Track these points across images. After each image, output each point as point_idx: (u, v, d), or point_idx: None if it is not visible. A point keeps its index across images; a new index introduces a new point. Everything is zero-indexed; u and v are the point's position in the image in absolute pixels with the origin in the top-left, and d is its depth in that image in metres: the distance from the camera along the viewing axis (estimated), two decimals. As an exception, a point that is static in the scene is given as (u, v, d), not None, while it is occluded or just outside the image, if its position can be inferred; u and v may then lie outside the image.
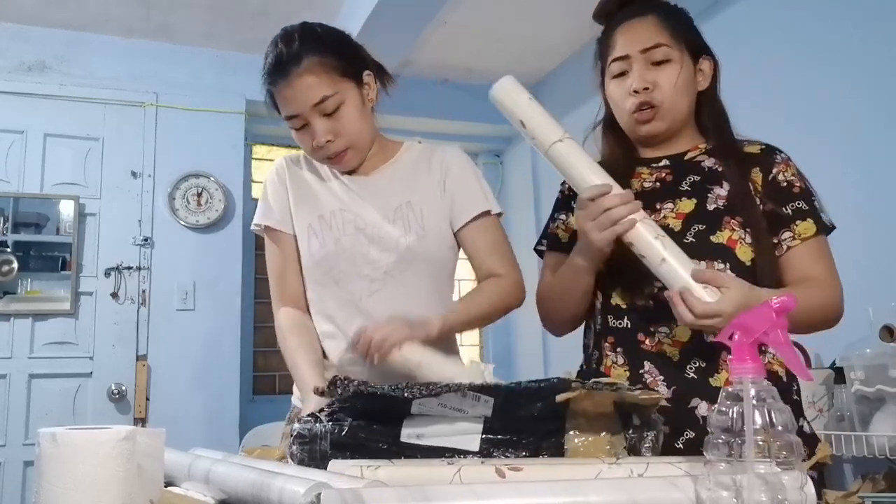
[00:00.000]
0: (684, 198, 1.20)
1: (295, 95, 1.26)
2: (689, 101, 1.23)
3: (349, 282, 1.30)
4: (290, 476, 0.75)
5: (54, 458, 0.72)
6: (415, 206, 1.34)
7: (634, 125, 1.23)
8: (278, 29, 1.36)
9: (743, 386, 0.65)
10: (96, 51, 3.23)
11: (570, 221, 1.32)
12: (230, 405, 3.18)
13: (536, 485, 0.72)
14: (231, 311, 3.25)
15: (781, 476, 0.63)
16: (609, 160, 1.28)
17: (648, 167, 1.26)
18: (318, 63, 1.26)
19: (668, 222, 1.18)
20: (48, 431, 0.73)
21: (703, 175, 1.22)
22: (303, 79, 1.25)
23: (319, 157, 1.32)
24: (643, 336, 1.17)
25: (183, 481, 0.91)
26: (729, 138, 1.24)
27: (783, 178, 1.18)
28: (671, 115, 1.21)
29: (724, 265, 1.13)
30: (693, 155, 1.25)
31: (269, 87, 1.31)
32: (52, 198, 3.08)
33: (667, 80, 1.18)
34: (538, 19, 3.14)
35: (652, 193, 1.22)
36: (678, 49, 1.19)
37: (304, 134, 1.30)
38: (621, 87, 1.22)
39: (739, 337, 0.67)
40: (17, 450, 2.88)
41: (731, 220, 1.15)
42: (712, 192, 1.19)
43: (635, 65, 1.20)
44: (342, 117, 1.28)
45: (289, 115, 1.29)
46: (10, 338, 2.95)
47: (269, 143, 3.84)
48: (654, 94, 1.19)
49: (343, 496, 0.64)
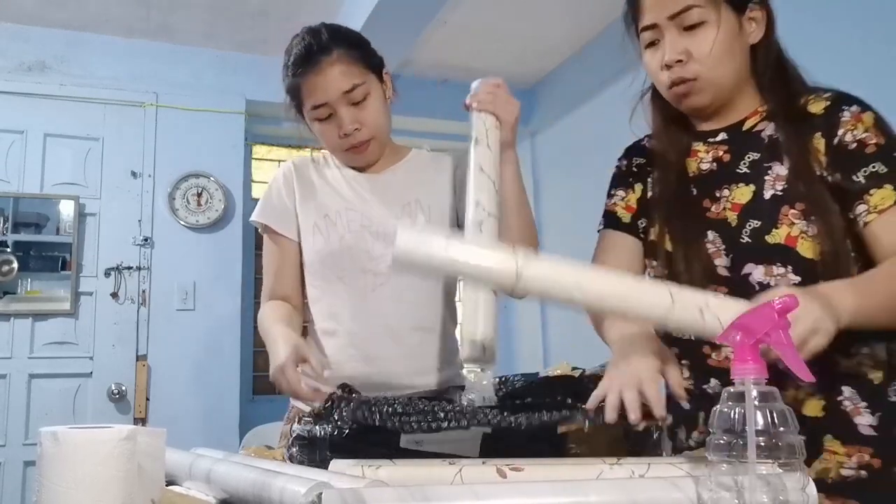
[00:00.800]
0: (741, 183, 1.05)
1: (326, 83, 1.27)
2: (737, 63, 1.05)
3: (353, 278, 1.30)
4: (291, 476, 0.75)
5: (56, 457, 0.72)
6: (423, 204, 1.35)
7: (675, 101, 1.09)
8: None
9: (745, 387, 0.65)
10: (96, 51, 3.23)
11: (630, 198, 1.19)
12: (230, 405, 3.18)
13: (537, 485, 0.72)
14: (231, 311, 3.25)
15: (783, 477, 0.63)
16: (661, 138, 1.16)
17: (705, 143, 1.11)
18: (347, 54, 1.29)
19: (726, 215, 1.05)
20: (50, 431, 0.73)
21: (762, 149, 1.05)
22: (334, 67, 1.27)
23: (344, 146, 1.32)
24: (709, 349, 1.05)
25: (184, 481, 0.91)
26: (785, 98, 1.06)
27: (851, 137, 0.98)
28: (713, 85, 1.05)
29: (785, 268, 0.99)
30: (752, 123, 1.08)
31: (294, 79, 1.31)
32: (52, 198, 3.08)
33: (701, 47, 1.02)
34: (538, 19, 3.14)
35: (709, 178, 1.08)
36: (713, 6, 1.02)
37: (328, 125, 1.30)
38: (655, 58, 1.07)
39: (741, 338, 0.67)
40: (17, 450, 2.88)
41: (790, 209, 0.99)
42: (770, 173, 1.02)
43: (666, 33, 1.05)
44: (368, 107, 1.29)
45: (316, 104, 1.29)
46: (10, 338, 2.95)
47: (269, 143, 3.84)
48: (689, 67, 1.04)
49: (343, 496, 0.64)
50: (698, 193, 1.09)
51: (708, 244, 1.06)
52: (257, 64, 3.41)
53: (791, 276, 0.98)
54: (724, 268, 1.04)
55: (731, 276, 1.03)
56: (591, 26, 3.18)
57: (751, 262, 1.01)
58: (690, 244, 1.06)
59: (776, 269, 0.99)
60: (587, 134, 3.35)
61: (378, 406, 0.89)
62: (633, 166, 1.22)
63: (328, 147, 1.36)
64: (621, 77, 3.25)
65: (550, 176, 3.69)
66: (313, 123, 1.33)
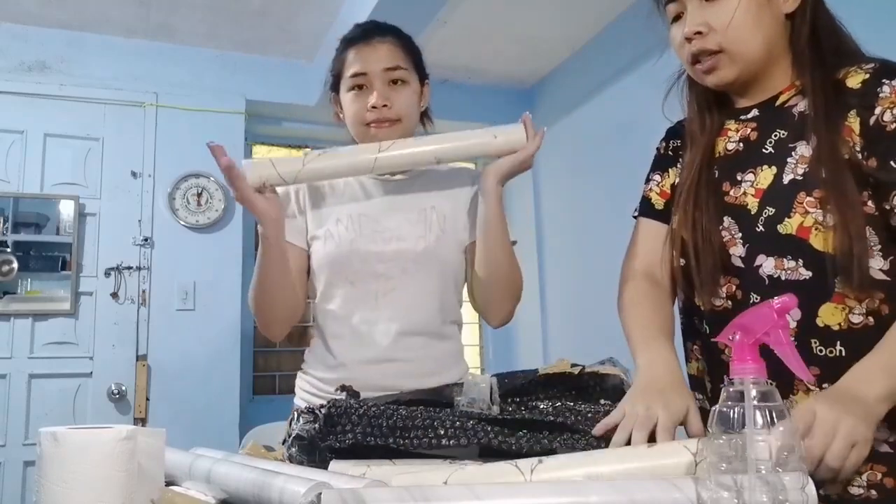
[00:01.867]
0: (765, 165, 0.99)
1: (371, 54, 1.31)
2: (766, 34, 0.98)
3: (363, 281, 1.30)
4: (290, 476, 0.75)
5: (55, 457, 0.72)
6: (439, 211, 1.35)
7: (699, 76, 1.04)
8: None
9: (744, 386, 0.64)
10: (96, 51, 3.23)
11: (665, 182, 1.14)
12: (230, 405, 3.18)
13: (536, 485, 0.72)
14: (231, 311, 3.25)
15: (783, 476, 0.63)
16: (693, 116, 1.11)
17: (737, 121, 1.05)
18: (399, 42, 1.35)
19: (746, 200, 0.99)
20: (49, 431, 0.73)
21: (791, 127, 0.98)
22: (384, 45, 1.32)
23: (369, 119, 1.31)
24: (723, 344, 1.00)
25: (184, 481, 0.91)
26: (820, 68, 0.97)
27: (891, 116, 0.89)
28: (740, 57, 0.98)
29: (796, 262, 0.93)
30: (786, 98, 1.01)
31: (343, 52, 1.35)
32: (52, 198, 3.08)
33: (721, 17, 0.96)
34: (538, 19, 3.14)
35: (733, 159, 1.03)
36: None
37: (360, 96, 1.31)
38: (679, 31, 1.03)
39: (740, 337, 0.67)
40: (17, 450, 2.88)
41: (807, 197, 0.92)
42: (794, 154, 0.96)
43: (689, 4, 1.00)
44: (402, 93, 1.32)
45: (356, 72, 1.31)
46: (10, 338, 2.95)
47: (269, 143, 3.84)
48: (709, 39, 0.98)
49: (343, 496, 0.64)
50: (720, 176, 1.04)
51: (724, 231, 1.00)
52: (257, 64, 3.42)
53: (802, 270, 0.93)
54: (739, 258, 0.99)
55: (745, 268, 0.98)
56: (591, 26, 3.18)
57: (762, 253, 0.96)
58: (704, 234, 1.01)
59: (787, 263, 0.93)
60: (587, 134, 3.35)
61: (377, 420, 0.89)
62: (669, 149, 1.18)
63: (353, 120, 1.34)
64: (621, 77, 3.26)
65: (550, 176, 3.69)
66: (346, 95, 1.33)
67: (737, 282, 0.98)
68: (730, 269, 0.99)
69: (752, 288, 0.97)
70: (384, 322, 1.29)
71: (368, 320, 1.29)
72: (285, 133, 3.77)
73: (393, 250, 1.30)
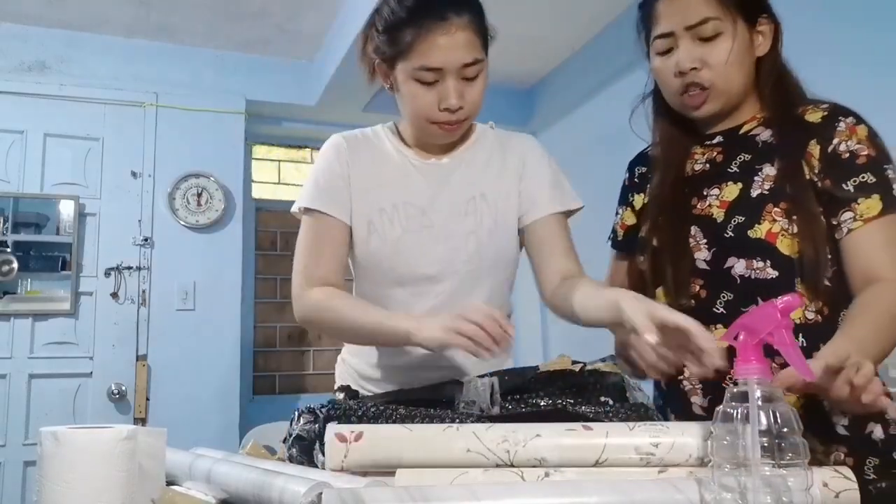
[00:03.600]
0: (730, 182, 1.09)
1: (451, 47, 1.11)
2: (746, 73, 1.10)
3: (413, 284, 1.20)
4: (290, 476, 0.75)
5: (56, 457, 0.72)
6: (489, 199, 1.23)
7: (684, 108, 1.13)
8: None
9: (748, 387, 0.64)
10: (96, 51, 3.23)
11: (627, 217, 1.26)
12: (230, 405, 3.18)
13: (536, 485, 0.72)
14: (231, 311, 3.25)
15: (787, 478, 0.62)
16: (663, 140, 1.20)
17: (702, 146, 1.16)
18: (476, 22, 1.15)
19: (712, 211, 1.09)
20: (50, 431, 0.73)
21: (755, 152, 1.10)
22: (464, 33, 1.12)
23: (437, 118, 1.16)
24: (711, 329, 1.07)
25: (184, 480, 0.91)
26: (785, 106, 1.10)
27: (845, 147, 1.03)
28: (724, 94, 1.09)
29: (765, 262, 1.04)
30: (749, 127, 1.13)
31: (413, 28, 1.11)
32: (52, 198, 3.08)
33: (718, 57, 1.06)
34: (538, 19, 3.14)
35: (701, 177, 1.13)
36: (730, 19, 1.06)
37: (429, 91, 1.14)
38: (667, 64, 1.11)
39: (744, 338, 0.66)
40: (17, 450, 2.88)
41: (774, 207, 1.04)
42: (760, 174, 1.07)
43: (681, 42, 1.08)
44: (475, 86, 1.16)
45: (430, 66, 1.11)
46: (10, 338, 2.95)
47: (269, 143, 3.84)
48: (704, 74, 1.07)
49: (343, 496, 0.64)
50: (688, 192, 1.14)
51: (690, 239, 1.11)
52: (257, 64, 3.42)
53: (769, 270, 1.04)
54: (704, 261, 1.09)
55: (711, 270, 1.08)
56: (590, 26, 3.18)
57: (733, 256, 1.06)
58: (673, 239, 1.12)
59: (756, 263, 1.04)
60: (587, 134, 3.35)
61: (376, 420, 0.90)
62: (634, 177, 1.28)
63: (415, 114, 1.18)
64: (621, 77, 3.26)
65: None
66: (409, 83, 1.14)
67: (701, 282, 1.08)
68: (695, 272, 1.09)
69: (722, 287, 1.07)
70: None
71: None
72: (285, 133, 3.77)
73: (443, 250, 1.20)
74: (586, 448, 0.76)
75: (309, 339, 3.71)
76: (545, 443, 0.76)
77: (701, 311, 1.05)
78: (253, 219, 3.68)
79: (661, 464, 0.76)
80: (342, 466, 0.78)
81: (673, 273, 1.10)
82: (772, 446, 0.62)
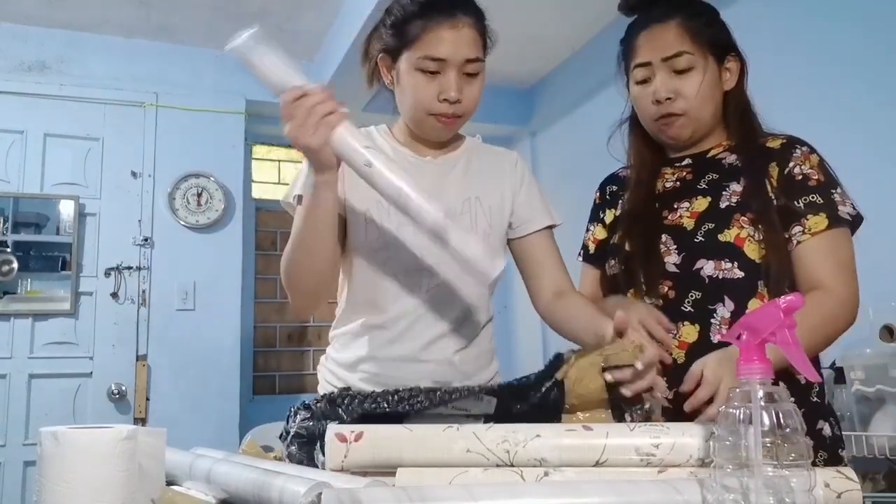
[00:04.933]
0: (700, 196, 1.20)
1: (457, 41, 1.17)
2: (715, 105, 1.22)
3: (409, 275, 1.23)
4: (290, 476, 0.75)
5: (56, 457, 0.72)
6: (483, 203, 1.27)
7: (658, 133, 1.25)
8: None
9: (751, 387, 0.64)
10: (96, 51, 3.23)
11: (597, 232, 1.37)
12: (230, 405, 3.18)
13: (536, 486, 0.72)
14: (231, 311, 3.25)
15: (790, 479, 0.62)
16: (636, 161, 1.31)
17: (672, 167, 1.28)
18: (480, 24, 1.22)
19: (682, 221, 1.19)
20: (50, 431, 0.73)
21: (721, 172, 1.21)
22: (470, 30, 1.19)
23: (435, 110, 1.19)
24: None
25: (184, 480, 0.91)
26: (750, 135, 1.23)
27: (799, 170, 1.16)
28: (695, 122, 1.21)
29: (732, 263, 1.13)
30: (716, 153, 1.25)
31: (422, 19, 1.17)
32: (52, 198, 3.08)
33: (690, 88, 1.18)
34: (538, 19, 3.14)
35: (672, 193, 1.24)
36: (701, 55, 1.19)
37: (430, 81, 1.17)
38: (645, 92, 1.22)
39: (747, 337, 0.66)
40: (17, 450, 2.88)
41: (742, 216, 1.15)
42: (727, 189, 1.18)
43: (658, 73, 1.20)
44: (474, 84, 1.21)
45: (434, 56, 1.16)
46: (10, 338, 2.95)
47: (269, 143, 3.84)
48: (677, 104, 1.19)
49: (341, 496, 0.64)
50: (659, 207, 1.24)
51: (661, 245, 1.20)
52: (257, 64, 3.41)
53: (736, 271, 1.13)
54: (674, 265, 1.18)
55: (679, 273, 1.18)
56: (590, 26, 3.18)
57: (703, 258, 1.15)
58: (645, 245, 1.21)
59: (724, 264, 1.14)
60: (587, 134, 3.35)
61: (383, 397, 0.89)
62: (606, 195, 1.38)
63: (415, 104, 1.20)
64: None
65: (550, 176, 3.69)
66: (412, 73, 1.18)
67: (670, 283, 1.17)
68: (664, 274, 1.18)
69: (690, 287, 1.16)
70: (428, 319, 1.23)
71: (410, 315, 1.23)
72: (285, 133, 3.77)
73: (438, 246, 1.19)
74: (586, 448, 0.76)
75: (309, 339, 3.71)
76: (545, 443, 0.76)
77: (669, 309, 1.15)
78: (253, 219, 3.68)
79: (662, 464, 0.76)
80: (342, 466, 0.78)
81: (644, 275, 1.20)
82: (774, 447, 0.61)
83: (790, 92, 2.22)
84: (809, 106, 2.25)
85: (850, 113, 2.18)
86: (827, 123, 2.14)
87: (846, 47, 2.19)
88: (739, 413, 0.64)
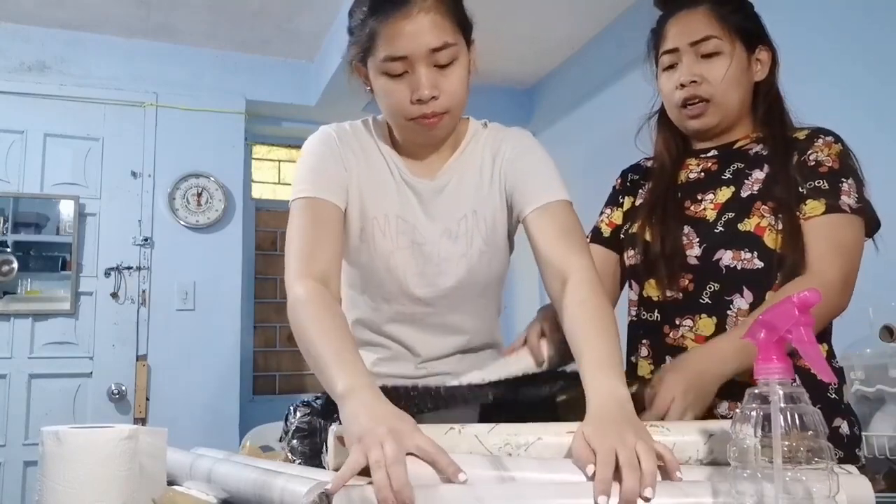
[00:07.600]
0: (724, 187, 1.18)
1: (415, 33, 1.02)
2: (743, 94, 1.20)
3: (401, 303, 1.17)
4: (291, 475, 0.75)
5: (57, 456, 0.72)
6: (479, 214, 1.18)
7: (683, 120, 1.22)
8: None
9: (770, 388, 0.60)
10: (96, 51, 3.23)
11: (615, 216, 1.34)
12: (230, 405, 3.18)
13: (539, 487, 0.72)
14: (231, 311, 3.25)
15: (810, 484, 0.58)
16: (661, 149, 1.29)
17: (697, 158, 1.25)
18: (442, 3, 1.05)
19: (706, 213, 1.18)
20: (52, 430, 0.73)
21: (746, 161, 1.19)
22: (430, 15, 1.02)
23: (412, 114, 1.07)
24: (668, 328, 1.17)
25: (185, 480, 0.91)
26: (778, 127, 1.20)
27: (815, 157, 1.14)
28: (722, 109, 1.19)
29: (752, 253, 1.11)
30: (743, 144, 1.23)
31: (373, 20, 1.04)
32: (52, 198, 3.08)
33: (716, 73, 1.16)
34: (538, 19, 3.14)
35: (696, 184, 1.22)
36: (729, 41, 1.17)
37: (399, 84, 1.05)
38: (671, 80, 1.21)
39: (765, 335, 0.63)
40: (17, 450, 2.88)
41: (763, 205, 1.13)
42: (750, 178, 1.17)
43: (684, 57, 1.19)
44: (451, 75, 1.06)
45: (394, 55, 1.03)
46: (10, 338, 2.95)
47: (269, 143, 3.84)
48: (702, 88, 1.17)
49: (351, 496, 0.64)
50: (682, 197, 1.22)
51: (683, 237, 1.18)
52: (257, 64, 3.41)
53: (756, 261, 1.11)
54: (695, 257, 1.16)
55: (700, 265, 1.15)
56: (591, 26, 3.18)
57: (722, 248, 1.13)
58: (666, 237, 1.19)
59: (743, 254, 1.12)
60: (587, 134, 3.35)
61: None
62: (627, 182, 1.35)
63: (391, 111, 1.10)
64: (621, 77, 3.26)
65: (550, 176, 3.68)
66: (379, 78, 1.06)
67: (690, 276, 1.16)
68: (685, 267, 1.16)
69: (708, 279, 1.14)
70: (424, 344, 1.19)
71: (407, 340, 1.19)
72: (285, 133, 3.77)
73: (433, 273, 1.16)
74: None
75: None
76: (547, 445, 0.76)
77: (688, 302, 1.15)
78: (253, 219, 3.68)
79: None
80: (343, 466, 0.78)
81: (665, 268, 1.18)
82: (794, 450, 0.58)
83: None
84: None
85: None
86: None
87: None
88: (758, 415, 0.60)
